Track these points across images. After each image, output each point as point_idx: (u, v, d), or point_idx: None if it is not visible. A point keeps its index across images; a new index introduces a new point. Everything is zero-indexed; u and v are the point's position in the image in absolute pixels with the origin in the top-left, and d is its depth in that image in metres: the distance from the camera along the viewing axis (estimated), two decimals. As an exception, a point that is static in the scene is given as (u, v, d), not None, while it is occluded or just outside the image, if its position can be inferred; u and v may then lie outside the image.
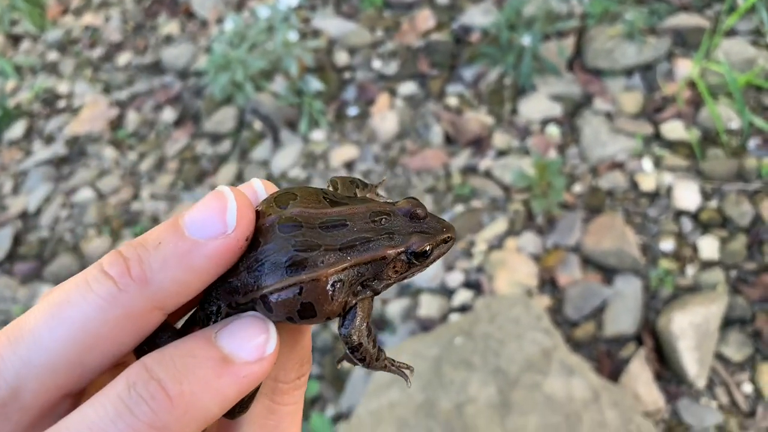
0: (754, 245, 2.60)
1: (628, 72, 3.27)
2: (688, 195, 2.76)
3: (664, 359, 2.41)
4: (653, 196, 2.83)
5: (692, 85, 3.11)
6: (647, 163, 2.91)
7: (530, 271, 2.70)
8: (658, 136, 3.01)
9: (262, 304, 0.52)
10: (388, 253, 0.54)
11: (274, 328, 0.52)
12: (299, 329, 0.58)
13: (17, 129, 4.16)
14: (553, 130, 3.16)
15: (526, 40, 3.22)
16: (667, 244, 2.67)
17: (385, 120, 3.43)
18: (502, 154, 3.15)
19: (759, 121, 2.89)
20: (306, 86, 3.53)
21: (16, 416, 0.47)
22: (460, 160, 3.18)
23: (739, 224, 2.66)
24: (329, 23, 4.00)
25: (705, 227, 2.69)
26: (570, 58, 3.38)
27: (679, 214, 2.74)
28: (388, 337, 2.65)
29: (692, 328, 2.35)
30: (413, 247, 0.55)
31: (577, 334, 2.52)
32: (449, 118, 3.35)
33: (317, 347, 2.72)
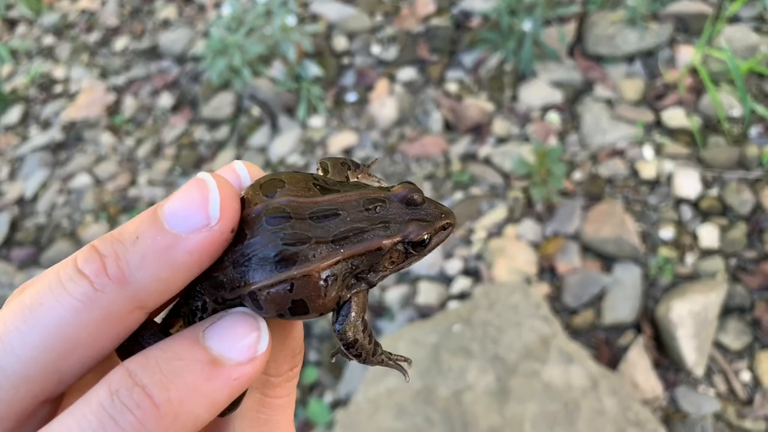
0: (754, 233, 2.59)
1: (630, 58, 3.24)
2: (688, 183, 2.75)
3: (662, 347, 2.41)
4: (653, 183, 2.81)
5: (694, 72, 3.09)
6: (648, 151, 2.90)
7: (529, 259, 2.69)
8: (659, 124, 2.99)
9: (251, 300, 0.49)
10: (384, 243, 0.51)
11: (265, 324, 0.49)
12: (290, 320, 0.55)
13: (13, 114, 4.13)
14: (554, 117, 3.14)
15: (526, 25, 3.18)
16: (667, 232, 2.66)
17: (384, 106, 3.40)
18: (501, 140, 3.13)
19: (761, 109, 2.86)
20: (304, 72, 3.50)
21: None
22: (459, 146, 3.16)
23: (739, 212, 2.64)
24: (328, 8, 3.96)
25: (705, 215, 2.68)
26: (571, 44, 3.35)
27: (679, 202, 2.73)
28: (387, 324, 2.64)
29: (691, 316, 2.34)
30: (411, 237, 0.52)
31: (575, 321, 2.52)
32: (449, 105, 3.32)
33: (315, 334, 2.71)
